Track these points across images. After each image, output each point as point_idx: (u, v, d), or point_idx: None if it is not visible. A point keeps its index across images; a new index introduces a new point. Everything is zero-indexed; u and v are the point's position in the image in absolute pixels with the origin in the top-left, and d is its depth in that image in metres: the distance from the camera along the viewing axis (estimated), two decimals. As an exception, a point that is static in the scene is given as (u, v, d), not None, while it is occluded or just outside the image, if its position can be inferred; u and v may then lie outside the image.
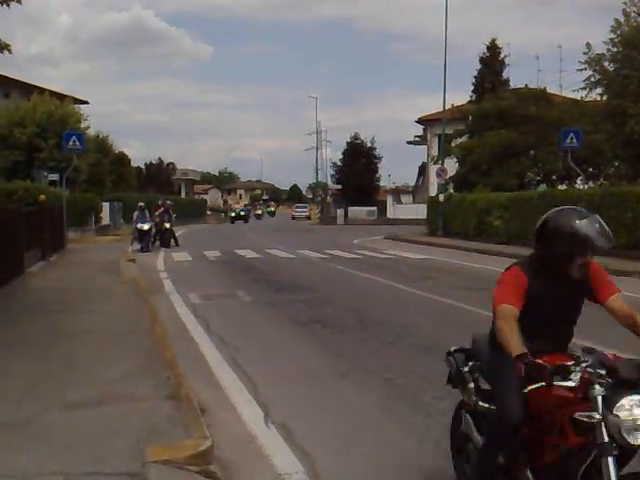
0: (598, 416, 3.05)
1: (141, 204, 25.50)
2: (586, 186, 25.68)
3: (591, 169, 28.90)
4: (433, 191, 43.11)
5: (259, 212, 78.51)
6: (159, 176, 71.43)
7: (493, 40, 40.69)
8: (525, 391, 3.39)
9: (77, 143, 23.91)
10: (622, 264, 16.29)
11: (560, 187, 30.98)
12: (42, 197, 20.29)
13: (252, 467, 4.69)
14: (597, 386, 3.10)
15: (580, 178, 26.61)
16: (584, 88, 26.45)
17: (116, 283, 13.83)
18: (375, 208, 63.08)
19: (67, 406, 5.44)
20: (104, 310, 10.35)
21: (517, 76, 76.18)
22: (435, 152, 45.00)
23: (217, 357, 7.86)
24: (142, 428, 4.88)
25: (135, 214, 24.88)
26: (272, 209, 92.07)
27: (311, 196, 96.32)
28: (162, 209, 26.57)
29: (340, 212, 60.97)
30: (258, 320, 10.63)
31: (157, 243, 25.71)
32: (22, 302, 11.20)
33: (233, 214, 63.55)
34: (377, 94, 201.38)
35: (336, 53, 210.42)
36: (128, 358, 7.13)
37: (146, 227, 24.32)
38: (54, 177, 29.38)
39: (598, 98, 27.11)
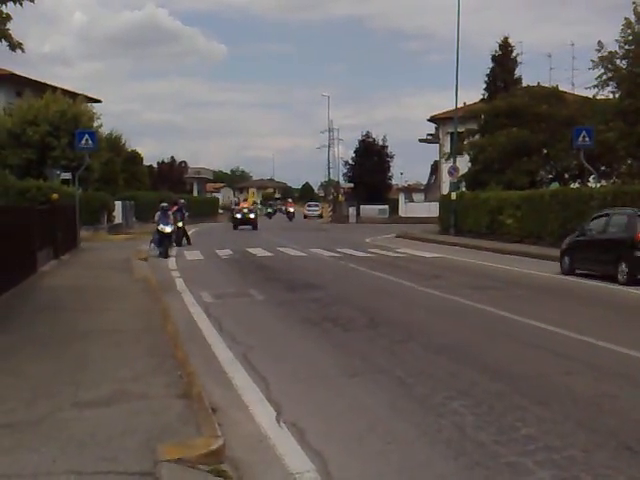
0: None
1: (164, 204, 23.25)
2: (598, 184, 25.49)
3: (603, 167, 28.69)
4: (445, 189, 43.01)
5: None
6: (171, 175, 71.68)
7: (505, 39, 40.58)
8: None
9: (89, 142, 23.97)
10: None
11: (572, 185, 30.81)
12: (55, 196, 20.39)
13: (264, 466, 4.69)
14: None
15: (592, 176, 26.42)
16: (596, 86, 26.32)
17: (128, 282, 13.88)
18: (387, 206, 62.93)
19: (79, 405, 5.46)
20: (116, 309, 10.39)
21: (529, 74, 75.85)
22: (447, 150, 44.87)
23: (229, 356, 7.86)
24: (154, 427, 4.89)
25: (157, 215, 22.41)
26: (290, 210, 66.91)
27: (323, 194, 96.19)
28: (175, 207, 26.58)
29: (352, 210, 60.92)
30: (270, 319, 10.64)
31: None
32: (35, 301, 11.26)
33: (238, 215, 43.98)
34: (389, 92, 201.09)
35: (349, 52, 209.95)
36: (140, 357, 7.15)
37: (168, 230, 21.73)
38: (66, 176, 29.54)
39: (610, 96, 26.94)
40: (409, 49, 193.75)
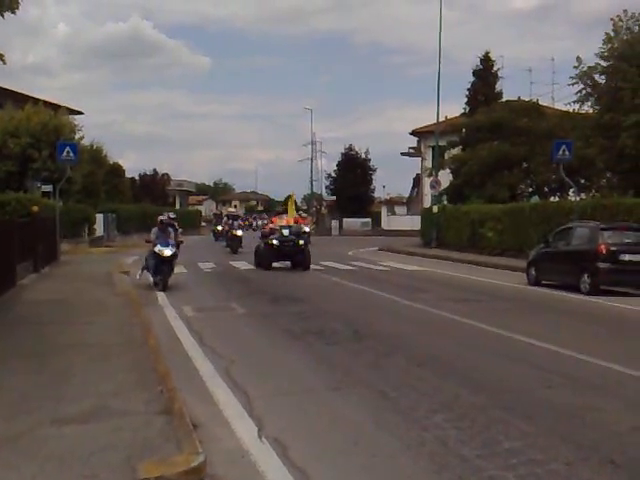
0: None
1: (163, 218, 17.08)
2: (578, 198, 25.77)
3: (583, 181, 29.03)
4: (427, 202, 43.24)
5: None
6: (153, 187, 71.38)
7: (487, 53, 41.05)
8: None
9: (71, 154, 23.80)
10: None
11: (552, 199, 31.12)
12: (35, 208, 20.20)
13: (245, 483, 4.65)
14: None
15: (572, 190, 26.71)
16: (576, 102, 26.70)
17: (109, 296, 13.76)
18: (369, 219, 63.21)
19: (59, 421, 5.38)
20: (97, 323, 10.29)
21: (510, 89, 76.56)
22: (429, 164, 45.15)
23: (211, 370, 7.81)
24: (134, 443, 4.83)
25: (153, 231, 16.51)
26: (305, 229, 30.66)
27: (306, 207, 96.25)
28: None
29: (335, 223, 61.11)
30: (252, 332, 10.59)
31: None
32: (14, 315, 11.13)
33: (275, 242, 21.39)
34: (372, 106, 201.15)
35: (332, 65, 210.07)
36: (121, 372, 7.07)
37: (168, 253, 15.82)
38: (47, 188, 29.30)
39: (590, 111, 27.29)
40: (392, 63, 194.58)
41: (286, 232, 21.32)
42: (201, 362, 8.25)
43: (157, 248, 15.84)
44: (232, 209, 41.01)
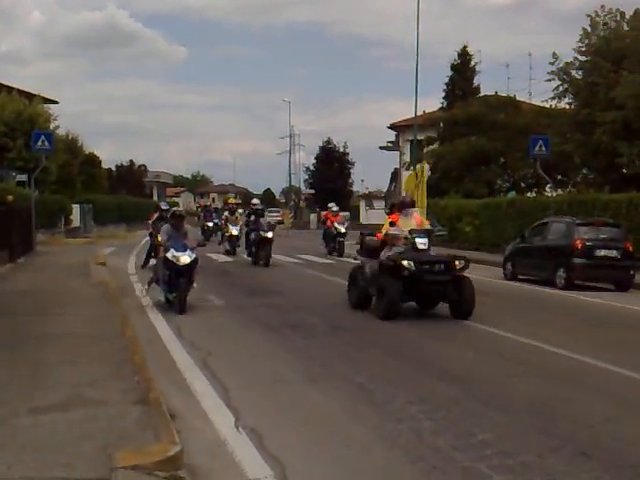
0: None
1: (178, 210, 13.90)
2: (554, 193, 26.03)
3: (560, 176, 29.31)
4: (405, 197, 43.30)
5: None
6: (130, 178, 70.86)
7: (464, 47, 41.17)
8: None
9: (46, 143, 23.56)
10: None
11: (529, 194, 31.39)
12: (10, 198, 19.96)
13: (222, 472, 4.67)
14: None
15: (549, 185, 26.98)
16: (553, 98, 26.91)
17: (86, 286, 13.67)
18: (348, 213, 63.19)
19: (35, 410, 5.36)
20: (73, 313, 10.22)
21: (488, 83, 77.18)
22: (407, 158, 45.28)
23: (188, 361, 7.81)
24: (111, 433, 4.83)
25: (165, 230, 12.23)
26: (342, 229, 26.04)
27: (284, 200, 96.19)
28: (156, 215, 18.84)
29: (313, 217, 61.11)
30: (230, 324, 10.59)
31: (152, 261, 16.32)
32: (-11, 305, 11.01)
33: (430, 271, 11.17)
34: (351, 99, 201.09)
35: (311, 57, 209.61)
36: (98, 362, 7.05)
37: (186, 260, 11.64)
38: (22, 178, 28.99)
39: (567, 107, 27.54)
40: (371, 56, 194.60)
41: (422, 243, 11.60)
42: (179, 353, 8.24)
43: (170, 254, 11.64)
44: (254, 200, 24.62)
